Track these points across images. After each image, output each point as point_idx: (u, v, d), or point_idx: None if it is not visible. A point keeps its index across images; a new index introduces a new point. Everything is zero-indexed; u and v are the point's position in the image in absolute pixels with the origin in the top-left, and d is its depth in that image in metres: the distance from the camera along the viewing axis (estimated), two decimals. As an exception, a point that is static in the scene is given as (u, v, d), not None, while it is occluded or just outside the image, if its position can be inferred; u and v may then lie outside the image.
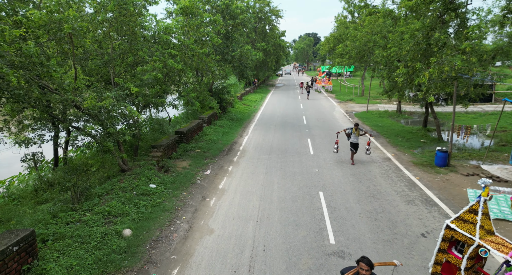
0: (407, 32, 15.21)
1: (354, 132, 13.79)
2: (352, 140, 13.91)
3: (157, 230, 8.87)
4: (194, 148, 16.69)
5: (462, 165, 14.12)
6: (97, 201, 9.50)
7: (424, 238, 8.49)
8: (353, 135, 13.82)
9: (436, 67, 8.83)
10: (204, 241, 8.48)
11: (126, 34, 11.96)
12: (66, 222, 8.32)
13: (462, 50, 8.14)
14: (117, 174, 11.93)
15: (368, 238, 8.53)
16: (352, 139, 13.87)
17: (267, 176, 13.11)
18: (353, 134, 13.78)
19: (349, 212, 10.02)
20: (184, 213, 10.02)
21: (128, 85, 10.72)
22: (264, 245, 8.29)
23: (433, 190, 11.58)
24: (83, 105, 9.67)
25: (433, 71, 8.83)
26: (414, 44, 9.71)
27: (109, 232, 8.03)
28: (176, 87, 13.70)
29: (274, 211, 10.14)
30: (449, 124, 22.93)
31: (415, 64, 10.08)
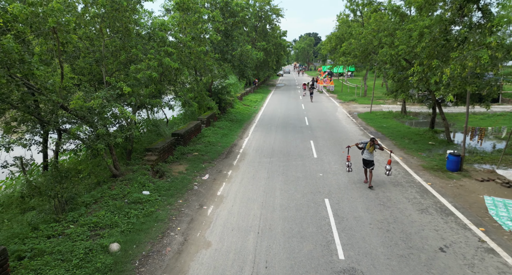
0: (415, 29, 14.44)
1: (368, 148, 11.50)
2: (365, 156, 11.62)
3: (148, 244, 8.07)
4: (192, 151, 15.90)
5: (475, 170, 13.32)
6: (83, 211, 8.71)
7: (443, 253, 7.69)
8: (366, 151, 11.57)
9: (458, 63, 8.04)
10: (200, 256, 7.68)
11: (119, 31, 11.17)
12: (47, 235, 7.53)
13: (486, 44, 7.39)
14: (108, 180, 11.14)
15: (381, 253, 7.74)
16: (364, 154, 11.64)
17: (269, 181, 12.32)
18: (367, 150, 11.55)
19: (358, 222, 9.23)
20: (179, 224, 9.23)
21: (120, 84, 9.93)
22: (266, 261, 7.50)
23: (447, 197, 10.78)
24: (69, 105, 8.88)
25: (455, 67, 8.03)
26: (430, 40, 8.93)
27: (94, 247, 7.23)
28: (172, 87, 12.89)
29: (276, 221, 9.35)
30: (457, 125, 22.15)
31: (431, 62, 9.28)
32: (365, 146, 11.66)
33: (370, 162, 11.62)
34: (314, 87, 41.12)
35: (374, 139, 11.51)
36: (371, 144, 11.43)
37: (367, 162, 11.68)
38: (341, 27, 40.40)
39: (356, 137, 19.34)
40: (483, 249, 7.85)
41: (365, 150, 11.57)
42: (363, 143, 11.76)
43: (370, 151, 11.43)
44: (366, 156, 11.57)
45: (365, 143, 11.69)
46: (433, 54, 9.49)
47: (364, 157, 11.65)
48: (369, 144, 11.48)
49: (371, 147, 11.42)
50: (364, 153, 11.65)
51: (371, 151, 11.46)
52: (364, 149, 11.69)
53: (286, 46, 53.16)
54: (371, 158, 11.55)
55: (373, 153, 11.55)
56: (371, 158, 11.56)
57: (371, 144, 11.43)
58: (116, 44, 11.67)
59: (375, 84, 30.63)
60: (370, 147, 11.44)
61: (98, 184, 10.80)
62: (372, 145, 11.43)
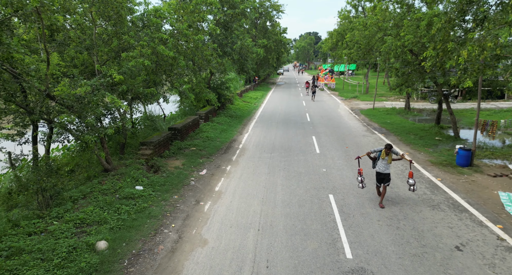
0: (424, 19, 13.77)
1: (383, 158, 8.99)
2: (380, 169, 9.08)
3: (139, 242, 7.44)
4: (189, 145, 15.26)
5: (486, 165, 12.68)
6: (70, 206, 8.07)
7: (460, 252, 7.06)
8: (381, 161, 9.04)
9: (476, 44, 7.40)
10: (195, 255, 7.05)
11: (110, 17, 10.53)
12: (28, 232, 6.90)
13: (509, 23, 6.76)
14: (100, 174, 10.50)
15: (392, 252, 7.11)
16: (379, 167, 9.10)
17: (270, 177, 11.69)
18: (381, 160, 9.03)
19: (366, 218, 8.59)
20: (174, 220, 8.60)
21: (111, 72, 9.29)
22: (268, 260, 6.87)
23: (459, 193, 10.15)
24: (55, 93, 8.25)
25: (473, 49, 7.36)
26: (445, 21, 8.32)
27: (79, 246, 6.60)
28: (167, 78, 12.24)
29: (278, 217, 8.71)
30: (463, 121, 21.52)
31: (446, 45, 8.65)
32: (379, 155, 9.16)
33: (385, 176, 9.09)
34: (317, 85, 40.27)
35: (391, 145, 8.92)
36: (387, 153, 8.93)
37: (382, 177, 9.15)
38: (343, 23, 39.78)
39: (360, 133, 18.71)
40: (503, 247, 7.21)
41: (379, 161, 9.09)
42: (376, 152, 9.22)
43: (388, 161, 8.97)
44: (380, 168, 9.07)
45: (379, 151, 9.15)
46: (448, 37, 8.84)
47: (378, 169, 9.12)
48: (384, 153, 8.96)
49: (388, 156, 8.96)
50: (377, 164, 9.17)
51: (389, 162, 8.99)
52: (377, 159, 9.21)
53: (287, 43, 52.44)
54: (387, 170, 9.01)
55: (389, 165, 9.11)
56: (387, 171, 9.01)
57: (387, 152, 8.92)
58: (108, 31, 11.05)
59: (377, 80, 29.98)
60: (386, 156, 8.99)
61: (89, 178, 10.17)
62: (389, 154, 8.95)
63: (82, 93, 8.09)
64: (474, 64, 8.19)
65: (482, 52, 7.47)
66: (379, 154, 9.20)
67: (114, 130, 12.65)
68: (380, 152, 9.18)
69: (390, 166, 9.16)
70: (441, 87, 16.39)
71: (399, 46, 14.77)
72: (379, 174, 9.22)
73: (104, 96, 9.26)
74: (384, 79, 49.96)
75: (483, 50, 7.40)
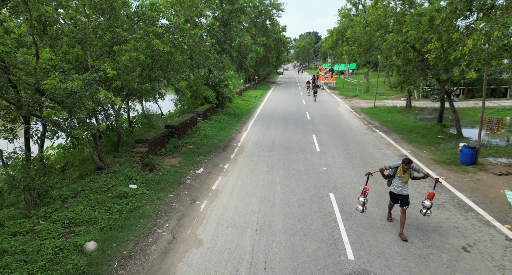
0: (425, 14, 13.44)
1: (400, 175, 7.33)
2: (395, 189, 7.49)
3: (131, 242, 7.10)
4: (187, 144, 14.92)
5: (491, 163, 12.35)
6: (58, 205, 7.72)
7: (467, 253, 6.72)
8: (397, 179, 7.43)
9: (483, 33, 7.05)
10: (189, 256, 6.72)
11: (103, 10, 10.19)
12: (13, 233, 6.55)
13: (518, 11, 6.48)
14: (92, 172, 10.16)
15: (396, 253, 6.77)
16: (394, 186, 7.52)
17: (268, 175, 11.35)
18: (397, 178, 7.42)
19: (368, 218, 8.26)
20: (168, 220, 8.26)
21: (104, 67, 8.95)
22: (265, 261, 6.53)
23: (464, 192, 9.81)
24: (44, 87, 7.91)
25: (478, 38, 6.99)
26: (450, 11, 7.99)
27: (66, 247, 6.26)
28: (164, 74, 11.90)
29: (276, 217, 8.38)
30: (466, 119, 21.18)
31: (451, 35, 8.31)
32: (394, 172, 7.45)
33: (402, 198, 7.43)
34: (318, 85, 39.70)
35: (409, 160, 7.21)
36: (404, 169, 7.26)
37: (398, 198, 7.49)
38: (343, 22, 39.44)
39: (360, 131, 18.36)
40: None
41: (395, 179, 7.48)
42: (391, 168, 7.54)
43: (403, 180, 7.32)
44: (396, 188, 7.46)
45: (395, 167, 7.46)
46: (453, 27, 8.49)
47: (394, 189, 7.52)
48: (401, 169, 7.29)
49: (407, 173, 7.27)
50: (393, 183, 7.57)
51: (406, 181, 7.34)
52: (393, 177, 7.55)
53: (287, 42, 52.08)
54: (404, 191, 7.40)
55: (407, 184, 7.46)
56: (404, 192, 7.40)
57: (405, 168, 7.23)
58: (101, 25, 10.71)
59: (378, 79, 29.66)
60: (404, 173, 7.29)
61: (81, 177, 9.83)
62: (407, 171, 7.27)
63: (73, 88, 7.74)
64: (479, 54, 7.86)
65: (488, 42, 7.13)
66: (394, 171, 7.46)
67: (108, 127, 12.33)
68: (396, 168, 7.42)
69: (407, 186, 7.49)
70: (443, 84, 16.05)
71: (401, 42, 14.43)
72: (394, 195, 7.57)
73: (97, 91, 8.92)
74: (384, 78, 49.64)
75: (489, 40, 7.07)
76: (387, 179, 7.75)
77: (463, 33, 8.29)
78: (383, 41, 16.93)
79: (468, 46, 7.08)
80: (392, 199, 7.75)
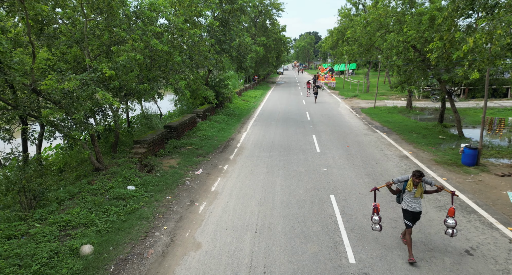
0: (426, 13, 13.33)
1: (410, 189, 6.41)
2: (407, 205, 6.55)
3: (128, 245, 6.98)
4: (186, 144, 14.80)
5: (493, 164, 12.22)
6: (55, 207, 7.59)
7: (470, 257, 6.60)
8: (408, 195, 6.52)
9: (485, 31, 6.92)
10: (187, 260, 6.59)
11: (101, 9, 10.06)
12: (8, 236, 6.42)
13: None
14: (90, 174, 10.04)
15: (398, 256, 6.65)
16: (407, 203, 6.56)
17: (268, 176, 11.23)
18: (408, 193, 6.51)
19: (369, 220, 8.12)
20: (166, 222, 8.13)
21: (102, 67, 8.83)
22: (265, 265, 6.41)
23: (467, 194, 9.69)
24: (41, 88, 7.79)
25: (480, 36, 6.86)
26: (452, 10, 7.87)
27: (61, 250, 6.13)
28: (162, 73, 11.77)
29: (276, 219, 8.26)
30: (467, 120, 21.06)
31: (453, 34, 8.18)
32: (404, 186, 6.56)
33: (416, 214, 6.58)
34: (319, 86, 39.43)
35: (420, 173, 6.27)
36: (415, 183, 6.32)
37: (413, 215, 6.57)
38: (343, 22, 39.32)
39: (361, 131, 18.24)
40: (516, 251, 6.75)
41: (406, 194, 6.56)
42: (400, 182, 6.61)
43: (416, 195, 6.42)
44: (409, 204, 6.52)
45: (404, 181, 6.55)
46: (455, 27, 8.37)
47: (408, 207, 6.54)
48: (411, 183, 6.36)
49: (419, 187, 6.36)
50: (405, 197, 6.60)
51: (419, 195, 6.43)
52: (402, 192, 6.66)
53: (286, 42, 51.95)
54: (418, 207, 6.49)
55: (421, 199, 6.55)
56: (418, 208, 6.49)
57: (416, 182, 6.30)
58: (99, 24, 10.59)
59: (378, 79, 29.54)
60: (416, 187, 6.38)
61: (78, 178, 9.71)
62: (419, 185, 6.34)
63: (70, 88, 7.62)
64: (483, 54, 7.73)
65: (490, 40, 7.01)
66: (404, 185, 6.54)
67: (106, 128, 12.20)
68: (406, 182, 6.51)
69: (421, 201, 6.62)
70: (445, 84, 15.93)
71: (402, 42, 14.31)
72: (408, 212, 6.55)
73: (94, 91, 8.80)
74: (384, 78, 49.53)
75: (492, 38, 6.94)
76: (395, 195, 6.83)
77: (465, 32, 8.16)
78: (384, 41, 16.82)
79: (469, 44, 6.95)
80: (409, 218, 6.54)
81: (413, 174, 6.37)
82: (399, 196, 6.82)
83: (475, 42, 6.99)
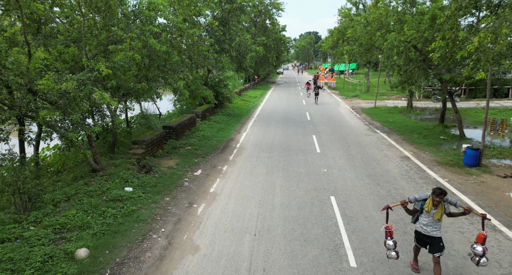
0: (427, 12, 13.20)
1: (428, 210, 5.50)
2: (422, 228, 5.73)
3: (124, 248, 6.84)
4: (185, 145, 14.67)
5: (495, 165, 12.09)
6: (50, 210, 7.46)
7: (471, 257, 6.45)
8: (426, 216, 5.63)
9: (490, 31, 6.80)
10: (185, 263, 6.46)
11: (98, 7, 9.93)
12: (1, 239, 6.29)
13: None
14: (87, 175, 9.91)
15: (400, 259, 6.51)
16: (422, 225, 5.73)
17: (268, 177, 11.10)
18: (426, 214, 5.61)
19: (370, 222, 8.01)
20: (164, 224, 8.00)
21: (98, 66, 8.69)
22: (264, 269, 6.28)
23: (469, 195, 9.56)
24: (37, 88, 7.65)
25: (485, 36, 6.74)
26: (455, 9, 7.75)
27: (56, 254, 6.01)
28: (161, 73, 11.64)
29: (276, 221, 8.13)
30: (468, 120, 20.93)
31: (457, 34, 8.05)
32: (422, 205, 5.63)
33: (433, 240, 5.61)
34: (320, 86, 39.21)
35: (442, 191, 5.34)
36: (435, 202, 5.42)
37: (427, 240, 5.69)
38: (343, 21, 39.20)
39: (361, 132, 18.11)
40: (520, 255, 6.62)
41: (423, 215, 5.65)
42: (417, 201, 5.69)
43: (435, 217, 5.49)
44: (424, 227, 5.66)
45: (422, 199, 5.63)
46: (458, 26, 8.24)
47: (420, 229, 5.74)
48: (430, 203, 5.46)
49: (440, 208, 5.46)
50: (420, 219, 5.76)
51: (438, 218, 5.49)
52: (420, 212, 5.72)
53: (286, 41, 51.82)
54: (435, 231, 5.59)
55: (441, 221, 5.58)
56: (435, 233, 5.59)
57: (437, 201, 5.39)
58: (97, 24, 10.45)
59: (379, 79, 29.40)
60: (434, 208, 5.50)
61: (75, 179, 9.58)
62: (440, 205, 5.44)
63: (68, 88, 7.49)
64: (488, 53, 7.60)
65: (495, 40, 6.87)
66: (422, 205, 5.62)
67: (104, 128, 12.06)
68: (424, 201, 5.60)
69: (440, 225, 5.64)
70: (446, 84, 15.80)
71: (403, 42, 14.18)
72: (421, 235, 5.76)
73: (91, 91, 8.67)
74: (385, 78, 49.40)
75: (497, 38, 6.81)
76: (411, 215, 5.89)
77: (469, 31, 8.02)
78: (384, 40, 16.69)
79: (474, 44, 6.82)
80: (418, 241, 5.82)
81: (433, 192, 5.42)
82: (415, 216, 5.87)
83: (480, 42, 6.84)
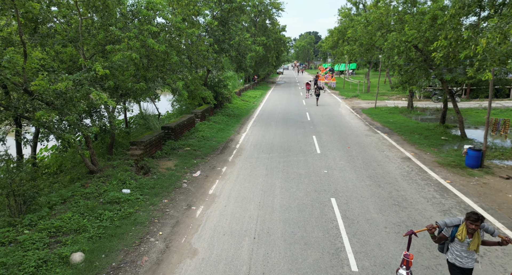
0: (429, 12, 13.07)
1: (462, 239, 4.54)
2: (455, 259, 4.77)
3: (121, 252, 6.71)
4: (184, 145, 14.53)
5: (497, 166, 11.96)
6: (45, 212, 7.32)
7: (477, 264, 6.30)
8: (459, 244, 4.67)
9: (497, 31, 6.67)
10: (183, 268, 6.33)
11: (96, 6, 9.79)
12: (-5, 243, 6.17)
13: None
14: (84, 176, 9.77)
15: (402, 264, 6.36)
16: (454, 254, 4.77)
17: (268, 179, 10.96)
18: (459, 242, 4.65)
19: (371, 225, 7.87)
20: (162, 227, 7.87)
21: (95, 66, 8.55)
22: (263, 273, 6.15)
23: (471, 197, 9.42)
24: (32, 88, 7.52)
25: (493, 36, 6.63)
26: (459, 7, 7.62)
27: (50, 258, 5.87)
28: (160, 73, 11.50)
29: (276, 223, 7.99)
30: (469, 120, 20.79)
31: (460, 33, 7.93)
32: (453, 232, 4.68)
33: (466, 272, 4.80)
34: (321, 87, 38.95)
35: (478, 216, 4.42)
36: (470, 229, 4.49)
37: (460, 272, 4.81)
38: (343, 21, 39.07)
39: (362, 132, 17.97)
40: (525, 259, 6.49)
41: (455, 244, 4.72)
42: (447, 227, 4.73)
43: (471, 247, 4.59)
44: (459, 258, 4.73)
45: (454, 225, 4.68)
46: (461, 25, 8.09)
47: (455, 260, 4.78)
48: (463, 229, 4.56)
49: (474, 238, 4.57)
50: (451, 250, 4.83)
51: (475, 248, 4.58)
52: (450, 240, 4.78)
53: (286, 41, 51.69)
54: (470, 263, 4.74)
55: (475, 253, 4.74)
56: (470, 264, 4.74)
57: (472, 228, 4.45)
58: (95, 24, 10.32)
59: (379, 79, 29.27)
60: (469, 237, 4.59)
61: (72, 181, 9.44)
62: (475, 234, 4.56)
63: (63, 89, 7.35)
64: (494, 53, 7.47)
65: (503, 40, 6.74)
66: (453, 231, 4.67)
67: (101, 128, 11.93)
68: (457, 227, 4.65)
69: (476, 255, 4.78)
70: (447, 84, 15.67)
71: (404, 41, 14.04)
72: (457, 269, 4.81)
73: (89, 92, 8.53)
74: (385, 78, 49.27)
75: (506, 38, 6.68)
76: (437, 243, 4.95)
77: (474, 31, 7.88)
78: (385, 40, 16.55)
79: (482, 45, 6.68)
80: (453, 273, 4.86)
81: (466, 217, 4.49)
82: (444, 244, 4.96)
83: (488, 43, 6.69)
